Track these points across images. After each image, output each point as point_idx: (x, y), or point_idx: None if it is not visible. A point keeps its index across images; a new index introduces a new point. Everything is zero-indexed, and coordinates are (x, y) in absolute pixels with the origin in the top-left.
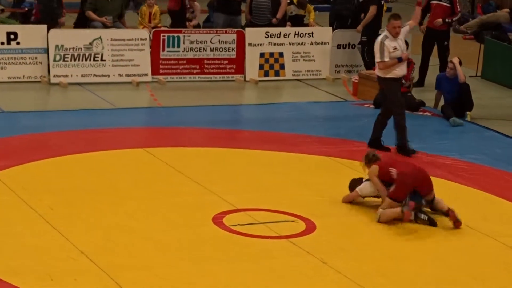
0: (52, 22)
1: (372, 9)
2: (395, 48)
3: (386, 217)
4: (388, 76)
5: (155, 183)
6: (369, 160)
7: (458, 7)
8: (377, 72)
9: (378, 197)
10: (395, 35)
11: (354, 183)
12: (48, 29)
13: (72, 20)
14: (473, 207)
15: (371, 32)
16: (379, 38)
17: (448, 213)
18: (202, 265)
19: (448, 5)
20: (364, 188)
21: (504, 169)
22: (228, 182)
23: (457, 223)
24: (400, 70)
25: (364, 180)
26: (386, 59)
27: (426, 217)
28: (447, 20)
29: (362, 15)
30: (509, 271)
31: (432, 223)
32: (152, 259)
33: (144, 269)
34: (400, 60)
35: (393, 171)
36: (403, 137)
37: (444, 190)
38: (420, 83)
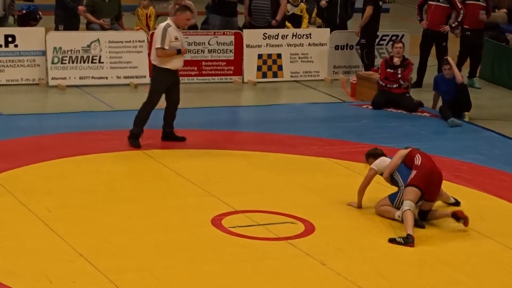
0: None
1: (368, 10)
2: (176, 38)
3: (410, 223)
4: (163, 66)
5: (154, 185)
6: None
7: (459, 4)
8: (153, 60)
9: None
10: (183, 27)
11: (373, 154)
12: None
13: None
14: (471, 207)
15: (369, 34)
16: (163, 24)
17: (457, 214)
18: (201, 266)
19: (446, 5)
20: (382, 165)
21: (502, 169)
22: (227, 184)
23: (466, 222)
24: (177, 63)
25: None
26: (167, 47)
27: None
28: (453, 25)
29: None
30: (507, 270)
31: (419, 225)
32: (151, 260)
33: (143, 270)
34: (179, 52)
35: (418, 157)
36: (138, 127)
37: None
38: (418, 83)
